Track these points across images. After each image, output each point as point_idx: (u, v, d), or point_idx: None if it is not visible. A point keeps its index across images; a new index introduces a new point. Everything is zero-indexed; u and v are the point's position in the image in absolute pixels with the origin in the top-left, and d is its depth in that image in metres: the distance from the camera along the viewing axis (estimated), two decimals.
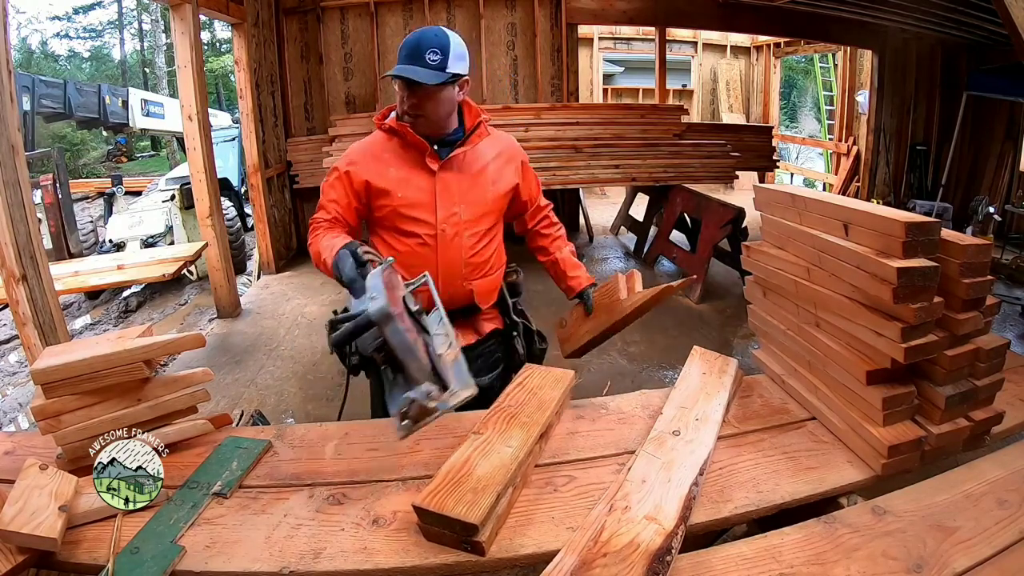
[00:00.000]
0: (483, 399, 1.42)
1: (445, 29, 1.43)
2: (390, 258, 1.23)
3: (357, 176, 1.49)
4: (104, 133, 14.65)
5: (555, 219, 1.75)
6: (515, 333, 1.68)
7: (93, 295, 5.96)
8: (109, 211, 7.43)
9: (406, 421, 0.96)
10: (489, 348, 1.65)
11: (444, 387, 0.99)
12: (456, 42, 1.41)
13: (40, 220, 4.12)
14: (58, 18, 19.05)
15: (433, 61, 1.37)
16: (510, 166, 1.59)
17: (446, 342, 1.07)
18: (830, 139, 9.38)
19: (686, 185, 5.15)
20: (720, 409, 1.26)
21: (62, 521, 0.96)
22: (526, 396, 1.30)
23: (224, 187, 6.34)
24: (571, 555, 0.90)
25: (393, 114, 1.52)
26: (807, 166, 11.61)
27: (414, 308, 1.14)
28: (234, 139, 8.14)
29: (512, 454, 1.09)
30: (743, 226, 4.41)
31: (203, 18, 4.43)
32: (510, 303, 1.69)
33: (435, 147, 1.48)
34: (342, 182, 1.52)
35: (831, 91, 9.86)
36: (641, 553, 0.89)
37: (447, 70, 1.39)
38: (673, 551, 0.90)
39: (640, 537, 0.92)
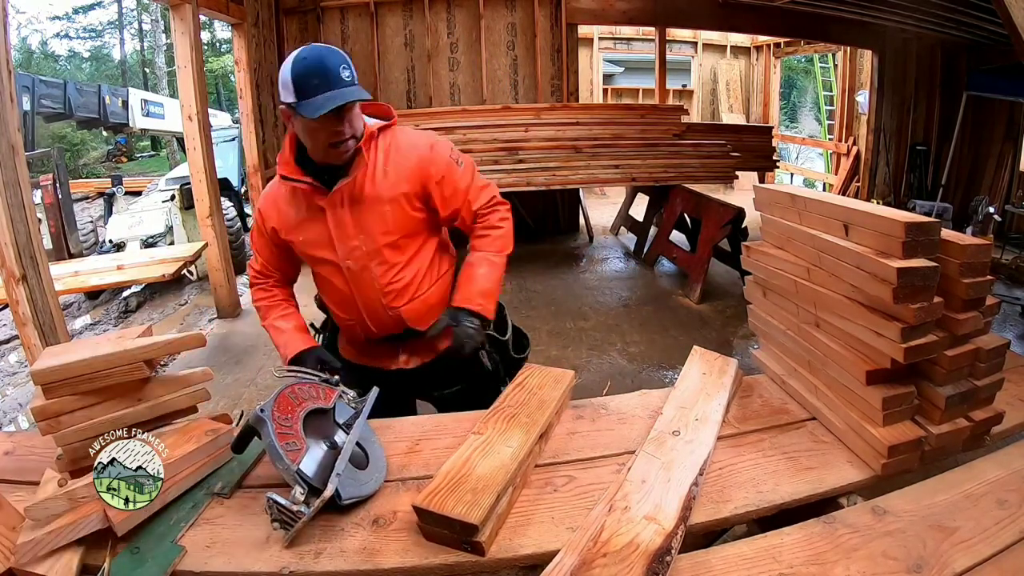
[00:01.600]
0: (443, 410, 1.49)
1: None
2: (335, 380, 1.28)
3: (267, 225, 1.49)
4: (104, 133, 14.66)
5: (493, 221, 1.51)
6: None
7: (93, 295, 5.96)
8: (109, 211, 7.43)
9: (275, 524, 0.98)
10: (446, 364, 1.53)
11: (316, 491, 1.00)
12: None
13: (40, 220, 4.11)
14: (58, 18, 19.08)
15: (347, 77, 1.27)
16: (407, 177, 1.40)
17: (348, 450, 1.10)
18: (830, 139, 9.38)
19: (686, 185, 5.15)
20: (720, 409, 1.26)
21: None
22: (526, 396, 1.29)
23: (224, 187, 6.33)
24: (571, 555, 0.90)
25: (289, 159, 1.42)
26: (807, 166, 11.62)
27: (339, 420, 1.19)
28: (234, 139, 8.13)
29: (512, 454, 1.09)
30: (743, 226, 4.41)
31: (203, 18, 4.44)
32: None
33: (326, 177, 1.38)
34: (260, 231, 1.52)
35: (831, 91, 9.87)
36: (640, 553, 0.89)
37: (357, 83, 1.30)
38: (673, 551, 0.90)
39: (640, 537, 0.92)
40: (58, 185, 6.45)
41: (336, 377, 1.27)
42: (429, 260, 1.50)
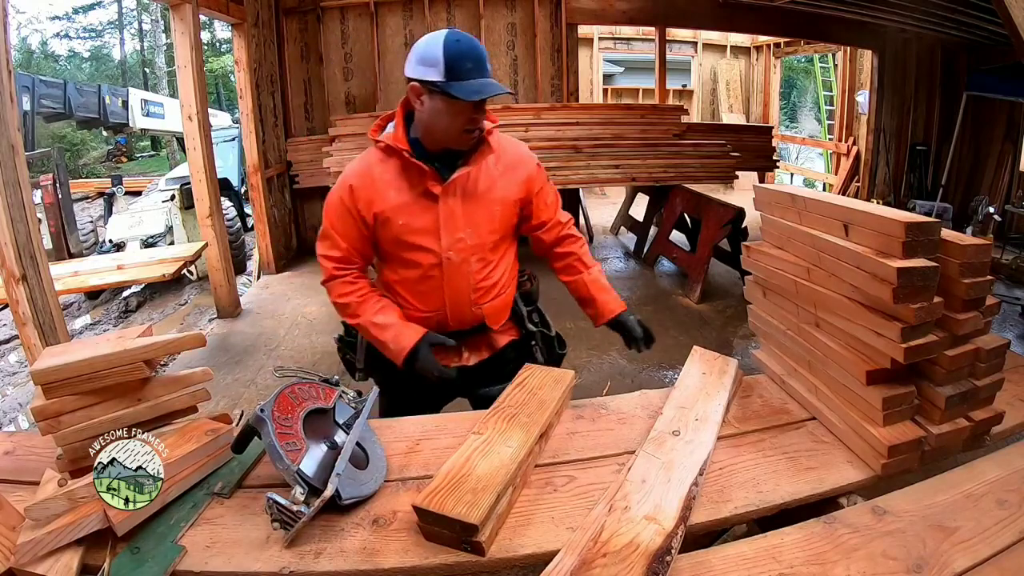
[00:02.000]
0: (481, 407, 1.43)
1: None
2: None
3: (358, 201, 1.38)
4: (104, 133, 14.63)
5: (576, 233, 1.62)
6: (533, 342, 1.61)
7: (93, 295, 5.97)
8: (109, 211, 7.44)
9: (275, 524, 0.98)
10: (504, 359, 1.58)
11: (316, 491, 1.00)
12: None
13: (40, 220, 4.12)
14: (58, 18, 19.08)
15: (491, 69, 1.29)
16: (520, 182, 1.46)
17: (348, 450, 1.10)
18: (830, 139, 9.38)
19: (686, 185, 5.15)
20: (720, 409, 1.27)
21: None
22: (526, 396, 1.29)
23: (224, 187, 6.34)
24: (571, 555, 0.90)
25: (390, 127, 1.41)
26: (807, 166, 11.62)
27: (339, 420, 1.18)
28: (234, 139, 8.14)
29: (512, 454, 1.09)
30: (743, 226, 4.41)
31: (203, 18, 4.43)
32: (524, 313, 1.61)
33: (436, 165, 1.37)
34: (346, 209, 1.39)
35: (831, 91, 9.86)
36: (641, 553, 0.89)
37: None
38: (673, 551, 0.90)
39: (640, 537, 0.92)
40: (58, 185, 6.45)
41: (336, 377, 1.27)
42: (512, 262, 1.56)
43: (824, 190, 8.42)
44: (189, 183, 4.45)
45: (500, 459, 1.07)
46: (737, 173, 5.53)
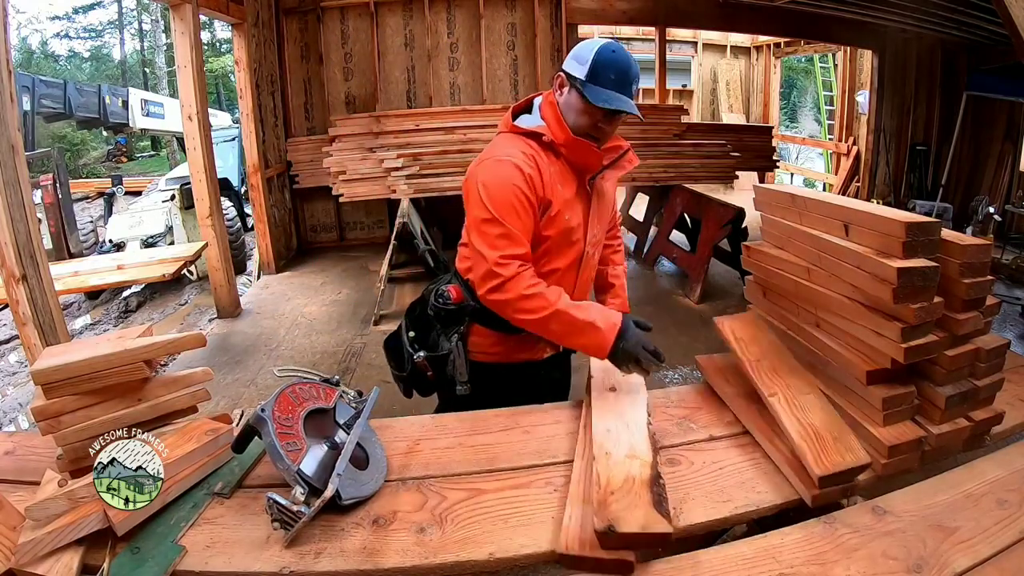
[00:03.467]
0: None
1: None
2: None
3: (536, 193, 1.30)
4: (104, 133, 14.66)
5: (619, 233, 1.71)
6: None
7: (93, 295, 5.97)
8: (109, 211, 7.45)
9: (275, 524, 0.98)
10: (564, 354, 1.61)
11: (317, 492, 1.00)
12: None
13: (40, 220, 4.11)
14: (58, 18, 19.06)
15: (634, 91, 1.31)
16: (616, 186, 1.56)
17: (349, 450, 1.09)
18: (830, 139, 9.37)
19: (686, 185, 5.15)
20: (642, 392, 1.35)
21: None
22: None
23: (224, 187, 6.34)
24: (576, 506, 1.01)
25: (526, 118, 1.41)
26: (807, 166, 11.62)
27: (339, 420, 1.18)
28: (234, 139, 8.15)
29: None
30: (743, 226, 4.41)
31: (203, 18, 4.43)
32: None
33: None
34: (526, 206, 1.29)
35: (831, 91, 9.86)
36: (640, 483, 1.02)
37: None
38: (661, 478, 1.04)
39: (631, 472, 1.04)
40: (58, 185, 6.45)
41: (337, 377, 1.27)
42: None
43: (824, 190, 8.42)
44: (189, 183, 4.45)
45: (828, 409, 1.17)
46: (737, 173, 5.53)
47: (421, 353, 1.48)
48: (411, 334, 1.53)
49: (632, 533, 0.92)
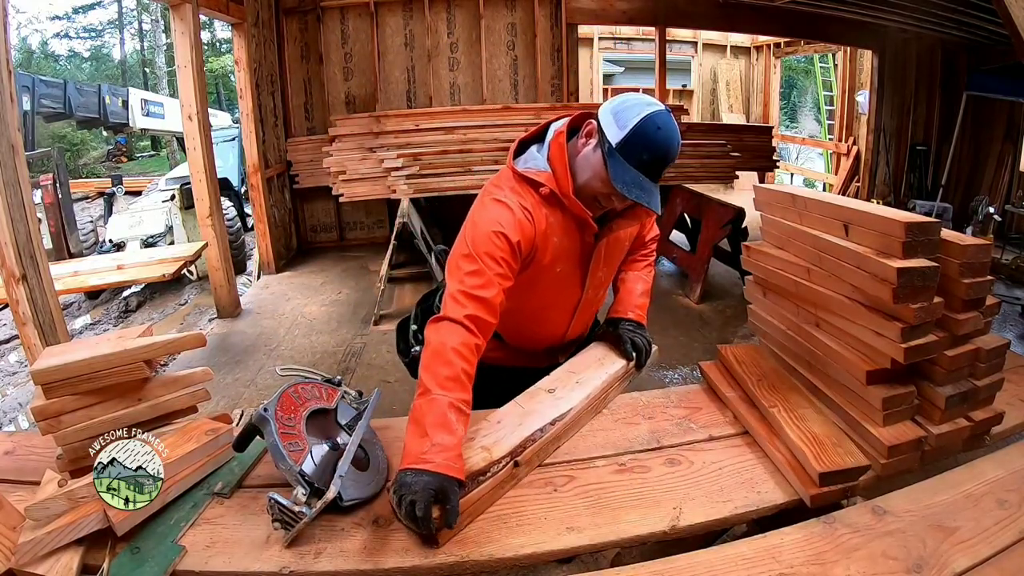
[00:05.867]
0: None
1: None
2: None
3: (523, 247, 1.24)
4: (104, 133, 14.67)
5: (651, 248, 1.63)
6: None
7: (93, 295, 5.97)
8: (109, 211, 7.45)
9: (276, 524, 0.98)
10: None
11: (318, 492, 1.00)
12: None
13: (40, 220, 4.12)
14: (58, 18, 19.06)
15: (661, 174, 1.21)
16: (640, 221, 1.45)
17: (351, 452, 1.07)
18: (830, 139, 9.37)
19: (686, 185, 5.15)
20: (605, 378, 1.35)
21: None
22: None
23: (224, 187, 6.35)
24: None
25: (534, 156, 1.30)
26: (807, 166, 11.61)
27: (341, 421, 1.18)
28: (234, 139, 8.15)
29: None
30: (743, 226, 4.41)
31: (203, 18, 4.44)
32: None
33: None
34: (512, 251, 1.22)
35: (831, 91, 9.86)
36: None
37: None
38: (489, 474, 1.06)
39: (471, 461, 1.06)
40: (58, 185, 6.45)
41: (339, 377, 1.27)
42: None
43: (824, 190, 8.42)
44: (189, 183, 4.46)
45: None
46: (737, 173, 5.54)
47: (417, 348, 1.50)
48: (414, 327, 1.56)
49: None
